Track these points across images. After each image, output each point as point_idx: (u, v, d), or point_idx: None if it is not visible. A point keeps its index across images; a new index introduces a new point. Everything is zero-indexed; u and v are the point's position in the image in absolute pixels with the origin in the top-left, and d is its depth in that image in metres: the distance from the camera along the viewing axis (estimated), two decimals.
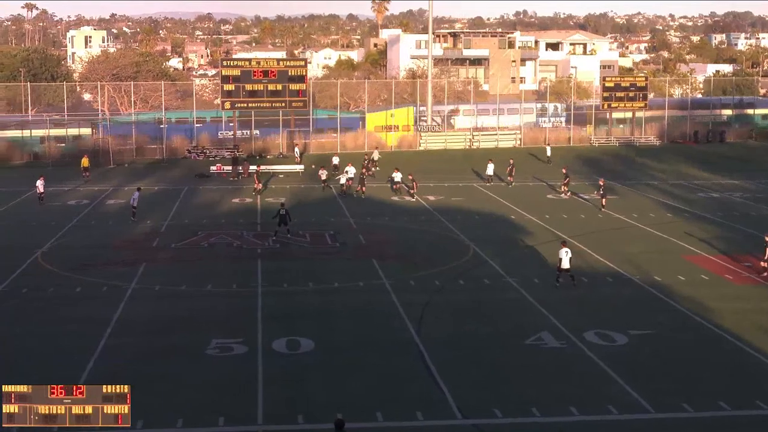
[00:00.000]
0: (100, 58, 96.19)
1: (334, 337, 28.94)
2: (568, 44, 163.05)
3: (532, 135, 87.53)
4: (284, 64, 79.43)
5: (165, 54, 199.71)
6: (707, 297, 33.29)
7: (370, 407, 22.93)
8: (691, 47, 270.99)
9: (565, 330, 29.37)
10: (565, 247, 35.46)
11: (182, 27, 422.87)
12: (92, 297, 33.74)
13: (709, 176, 67.37)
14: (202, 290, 34.71)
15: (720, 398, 23.60)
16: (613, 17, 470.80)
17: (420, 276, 36.81)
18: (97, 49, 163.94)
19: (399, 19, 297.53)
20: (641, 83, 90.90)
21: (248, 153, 76.44)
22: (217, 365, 26.35)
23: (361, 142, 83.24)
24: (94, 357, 26.78)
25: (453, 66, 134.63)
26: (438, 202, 55.53)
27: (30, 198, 55.84)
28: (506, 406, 23.13)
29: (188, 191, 59.98)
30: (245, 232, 46.02)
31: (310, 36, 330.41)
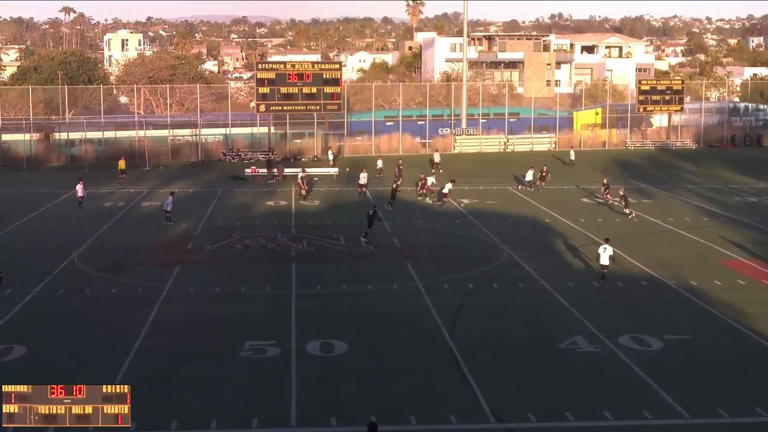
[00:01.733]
0: (136, 61, 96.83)
1: (368, 339, 28.95)
2: (604, 47, 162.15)
3: (566, 139, 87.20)
4: (319, 67, 79.69)
5: (200, 57, 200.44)
6: (744, 302, 33.01)
7: (404, 410, 22.93)
8: (728, 50, 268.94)
9: (599, 334, 29.23)
10: (606, 243, 35.92)
11: (218, 30, 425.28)
12: (127, 298, 33.98)
13: (746, 180, 66.82)
14: (236, 292, 34.84)
15: (756, 404, 23.43)
16: (649, 20, 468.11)
17: (454, 279, 36.76)
18: (133, 52, 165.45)
19: (433, 22, 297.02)
20: (677, 86, 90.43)
21: (283, 156, 76.66)
22: (250, 367, 26.45)
23: (395, 145, 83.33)
24: (129, 358, 26.96)
25: (488, 69, 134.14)
26: (472, 205, 55.41)
27: (67, 200, 56.41)
28: (540, 410, 23.07)
29: (223, 194, 60.22)
30: (279, 234, 46.14)
31: (344, 39, 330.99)
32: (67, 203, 55.57)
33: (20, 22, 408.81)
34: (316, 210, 53.99)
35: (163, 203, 50.24)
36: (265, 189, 62.14)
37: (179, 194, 54.55)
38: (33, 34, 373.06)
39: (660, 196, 59.29)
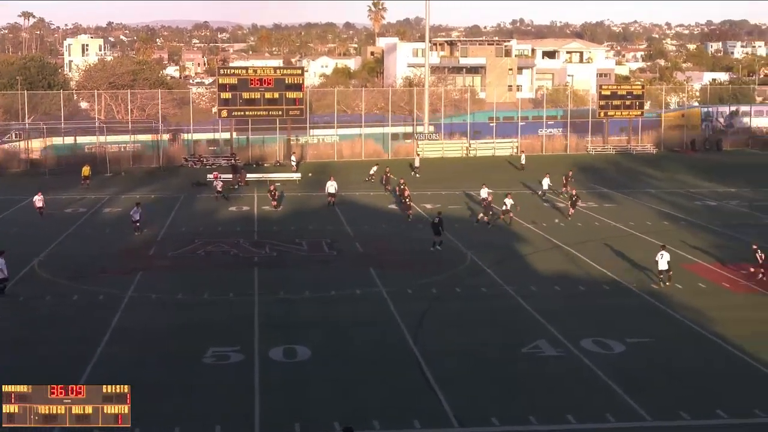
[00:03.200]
0: (97, 67, 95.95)
1: (331, 345, 28.94)
2: (565, 52, 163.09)
3: (528, 144, 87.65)
4: (281, 72, 79.79)
5: (162, 62, 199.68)
6: (705, 305, 33.30)
7: (367, 416, 22.91)
8: (688, 55, 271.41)
9: (562, 338, 29.37)
10: (663, 250, 36.44)
11: (179, 35, 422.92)
12: (89, 305, 33.77)
13: (707, 184, 67.39)
14: (198, 298, 34.68)
15: (718, 406, 23.61)
16: (609, 26, 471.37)
17: (417, 284, 36.78)
18: (94, 57, 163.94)
19: (396, 27, 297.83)
20: (638, 91, 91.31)
21: (245, 161, 76.48)
22: (213, 373, 26.34)
23: (358, 150, 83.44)
24: (91, 364, 26.82)
25: (450, 74, 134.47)
26: (435, 210, 55.28)
27: (26, 206, 55.85)
28: (504, 414, 23.13)
29: (185, 199, 59.93)
30: (242, 240, 46.00)
31: (306, 44, 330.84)
32: (27, 210, 55.02)
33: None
34: (279, 216, 53.85)
35: (129, 211, 49.51)
36: (227, 195, 61.88)
37: (141, 200, 54.16)
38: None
39: (621, 200, 59.67)
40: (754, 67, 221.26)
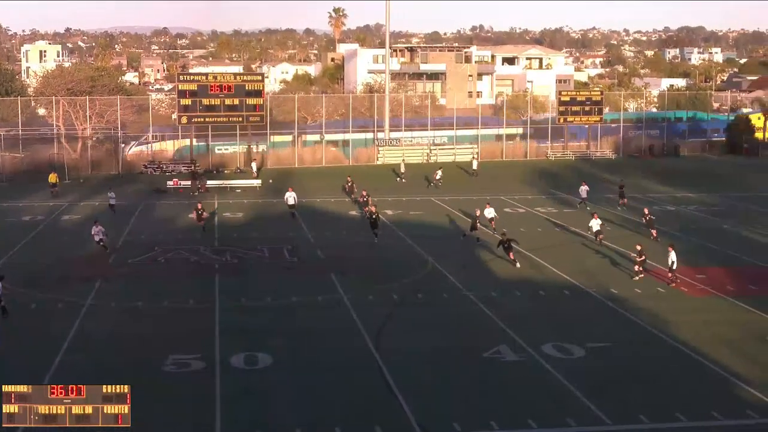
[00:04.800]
0: (55, 73, 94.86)
1: (293, 352, 28.86)
2: (524, 59, 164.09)
3: (489, 149, 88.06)
4: (241, 78, 79.61)
5: (121, 68, 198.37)
6: (663, 309, 33.61)
7: (329, 422, 22.90)
8: (646, 62, 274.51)
9: (523, 343, 29.47)
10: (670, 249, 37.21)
11: (138, 41, 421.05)
12: (47, 314, 33.43)
13: (665, 189, 68.10)
14: (158, 306, 34.47)
15: (677, 410, 23.79)
16: (568, 32, 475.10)
17: (379, 290, 36.81)
18: (52, 63, 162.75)
19: (356, 33, 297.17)
20: (597, 97, 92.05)
21: (205, 168, 76.22)
22: (174, 381, 26.20)
23: (319, 156, 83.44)
24: (49, 374, 26.52)
25: (410, 80, 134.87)
26: (396, 216, 55.60)
27: None
28: (465, 419, 23.17)
29: (145, 207, 59.59)
30: (203, 247, 45.83)
31: (267, 50, 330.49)
32: None
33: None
34: (240, 222, 53.74)
35: (90, 224, 48.76)
36: (188, 201, 61.59)
37: (100, 207, 54.04)
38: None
39: (581, 205, 59.99)
40: (711, 73, 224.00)
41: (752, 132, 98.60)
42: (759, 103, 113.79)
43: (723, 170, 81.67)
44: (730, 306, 34.57)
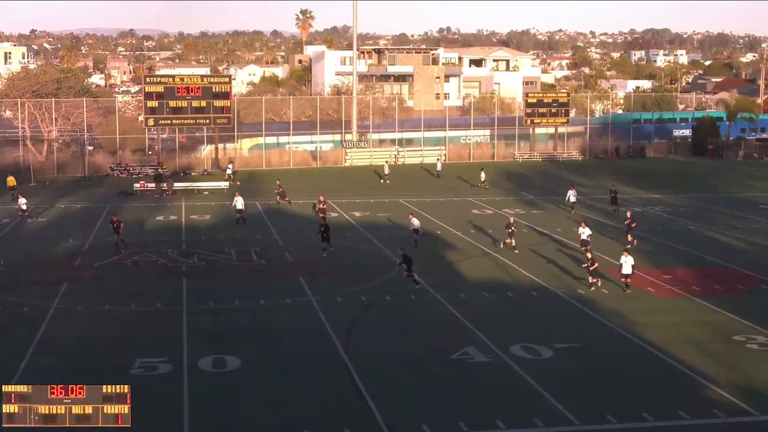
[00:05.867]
0: (20, 75, 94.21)
1: (261, 355, 28.88)
2: (491, 61, 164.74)
3: (456, 151, 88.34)
4: (208, 80, 79.53)
5: (87, 70, 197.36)
6: (630, 310, 33.81)
7: (298, 425, 22.90)
8: (612, 64, 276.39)
9: (491, 344, 29.57)
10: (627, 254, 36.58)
11: (104, 43, 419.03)
12: (12, 317, 33.20)
13: (631, 190, 68.50)
14: (125, 309, 34.36)
15: (644, 409, 23.96)
16: (535, 34, 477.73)
17: (347, 292, 36.84)
18: (17, 65, 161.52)
19: (323, 35, 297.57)
20: (563, 99, 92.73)
21: (172, 170, 75.98)
22: (141, 385, 25.75)
23: (286, 159, 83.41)
24: (15, 378, 26.31)
25: (378, 82, 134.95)
26: (364, 218, 55.68)
27: None
28: (434, 421, 23.22)
29: (111, 209, 58.99)
30: (170, 249, 45.67)
31: (234, 52, 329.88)
32: None
33: None
34: (207, 225, 53.64)
35: (51, 218, 48.62)
36: (155, 204, 61.43)
37: (66, 209, 53.59)
38: None
39: (548, 207, 60.39)
40: (676, 75, 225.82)
41: (717, 134, 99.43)
42: (723, 104, 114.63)
43: (688, 171, 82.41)
44: (696, 306, 34.87)
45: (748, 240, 49.08)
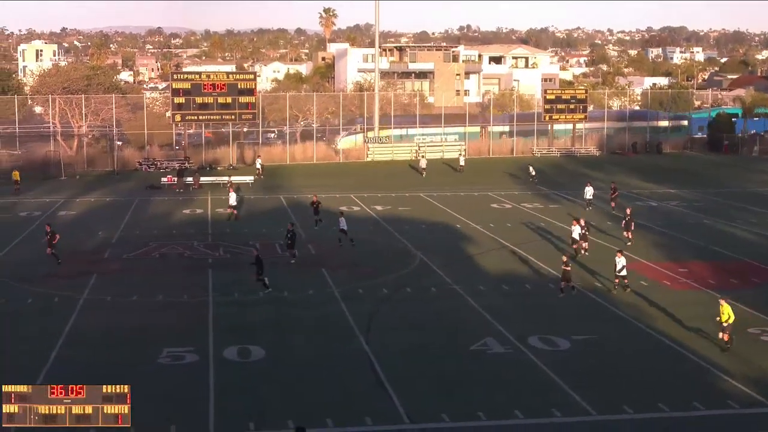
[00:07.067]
0: (51, 72, 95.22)
1: (285, 345, 29.25)
2: (511, 58, 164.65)
3: (476, 146, 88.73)
4: (234, 77, 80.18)
5: (116, 67, 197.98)
6: (647, 303, 34.14)
7: (320, 413, 23.21)
8: (629, 61, 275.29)
9: (509, 336, 29.92)
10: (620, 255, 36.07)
11: (133, 41, 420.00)
12: (44, 308, 33.74)
13: (648, 185, 68.78)
14: (153, 300, 34.84)
15: (659, 400, 24.26)
16: (553, 32, 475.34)
17: (369, 284, 37.26)
18: (48, 62, 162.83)
19: (346, 33, 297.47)
20: (581, 96, 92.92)
21: (199, 165, 76.75)
22: (169, 374, 26.55)
23: (309, 154, 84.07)
24: (46, 368, 26.78)
25: (399, 79, 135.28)
26: (385, 212, 56.16)
27: None
28: (453, 410, 23.52)
29: (139, 203, 60.05)
30: (196, 242, 46.20)
31: (259, 50, 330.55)
32: None
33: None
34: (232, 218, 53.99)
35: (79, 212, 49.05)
36: (182, 198, 62.12)
37: (95, 202, 54.31)
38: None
39: (566, 201, 60.76)
40: (693, 72, 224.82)
41: (732, 130, 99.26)
42: (739, 101, 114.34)
43: (704, 167, 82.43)
44: (712, 299, 34.45)
45: (762, 234, 49.33)
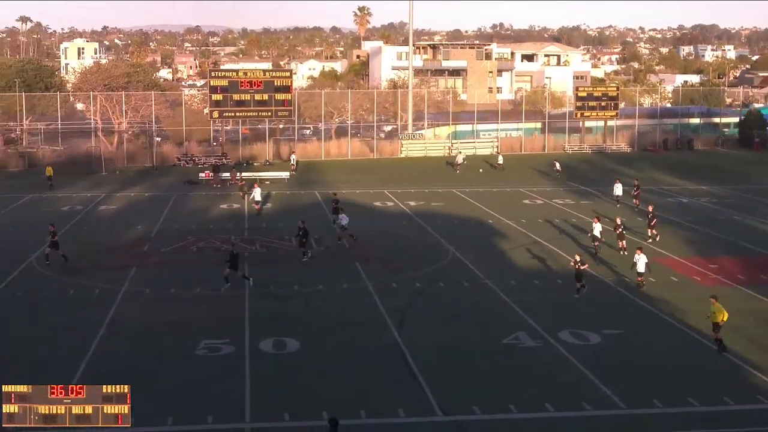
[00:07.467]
0: (92, 69, 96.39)
1: (320, 337, 29.63)
2: (543, 56, 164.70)
3: (508, 143, 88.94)
4: (270, 74, 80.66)
5: (155, 65, 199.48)
6: (677, 298, 34.19)
7: (354, 405, 23.53)
8: (661, 58, 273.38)
9: (540, 330, 30.19)
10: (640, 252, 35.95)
11: (172, 39, 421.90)
12: (84, 300, 34.40)
13: (679, 182, 68.63)
14: (191, 293, 35.33)
15: (689, 395, 24.42)
16: (585, 30, 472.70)
17: (402, 278, 37.61)
18: (89, 60, 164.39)
19: (380, 31, 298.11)
20: (613, 93, 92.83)
21: (236, 161, 77.51)
22: (206, 365, 27.00)
23: (344, 150, 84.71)
24: (86, 359, 27.33)
25: (432, 77, 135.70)
26: (418, 207, 56.51)
27: (23, 204, 57.27)
28: (485, 403, 23.79)
29: (178, 197, 60.81)
30: (233, 236, 46.34)
31: (295, 48, 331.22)
32: (24, 207, 56.21)
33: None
34: (268, 213, 54.54)
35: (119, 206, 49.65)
36: (219, 193, 62.81)
37: (135, 198, 54.99)
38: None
39: (597, 197, 60.84)
40: (724, 70, 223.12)
41: (764, 127, 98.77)
42: None
43: (735, 164, 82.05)
44: (742, 295, 35.08)
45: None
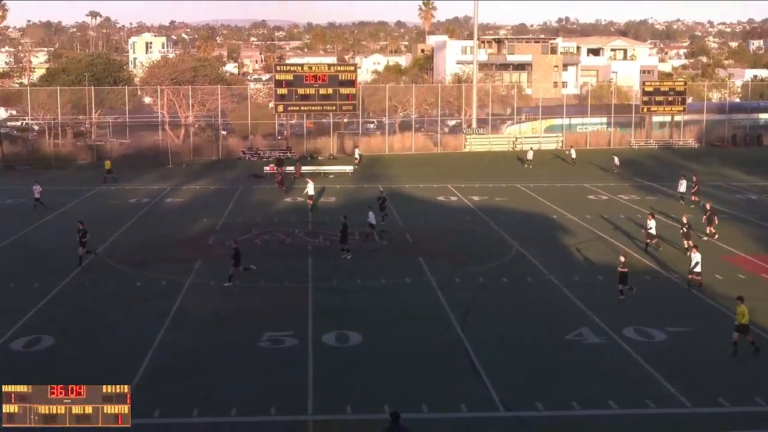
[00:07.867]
0: (159, 63, 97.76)
1: (382, 331, 29.74)
2: (609, 50, 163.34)
3: (573, 138, 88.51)
4: (335, 69, 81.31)
5: (221, 59, 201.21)
6: (744, 295, 33.21)
7: (416, 399, 23.56)
8: (730, 53, 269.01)
9: (604, 326, 30.02)
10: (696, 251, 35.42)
11: (238, 33, 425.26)
12: (151, 291, 34.94)
13: (747, 178, 67.83)
14: (255, 285, 35.64)
15: (756, 394, 24.09)
16: (653, 24, 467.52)
17: (465, 273, 37.63)
18: (157, 54, 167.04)
19: (445, 25, 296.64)
20: (680, 88, 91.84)
21: (300, 154, 78.04)
22: (269, 357, 27.25)
23: (408, 144, 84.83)
24: (152, 349, 27.78)
25: (497, 71, 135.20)
26: (482, 202, 56.53)
27: (91, 197, 58.24)
28: (547, 399, 23.71)
29: (243, 191, 61.50)
30: (297, 230, 47.12)
31: (359, 42, 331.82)
32: (93, 200, 57.20)
33: (49, 26, 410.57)
34: (332, 206, 54.89)
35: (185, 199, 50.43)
36: (284, 186, 63.19)
37: (201, 191, 55.58)
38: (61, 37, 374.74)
39: (663, 193, 60.30)
40: None
41: None
42: None
43: None
44: None
45: None
